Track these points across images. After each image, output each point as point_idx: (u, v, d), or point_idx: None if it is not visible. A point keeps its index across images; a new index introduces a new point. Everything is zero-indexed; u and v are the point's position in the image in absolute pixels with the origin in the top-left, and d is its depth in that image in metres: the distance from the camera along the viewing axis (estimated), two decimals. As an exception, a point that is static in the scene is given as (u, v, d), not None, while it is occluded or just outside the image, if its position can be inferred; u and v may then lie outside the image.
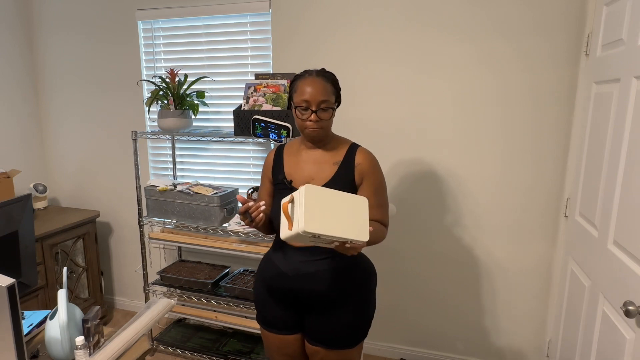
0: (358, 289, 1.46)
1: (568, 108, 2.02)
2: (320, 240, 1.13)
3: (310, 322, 1.47)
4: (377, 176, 1.44)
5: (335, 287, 1.42)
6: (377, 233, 1.37)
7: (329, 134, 1.45)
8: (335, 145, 1.46)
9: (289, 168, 1.48)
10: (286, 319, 1.50)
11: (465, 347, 2.40)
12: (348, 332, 1.44)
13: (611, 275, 1.43)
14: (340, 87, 1.45)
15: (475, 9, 2.05)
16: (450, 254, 2.32)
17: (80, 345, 1.28)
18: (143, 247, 2.48)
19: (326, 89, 1.37)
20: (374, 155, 1.46)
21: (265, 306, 1.53)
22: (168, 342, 2.58)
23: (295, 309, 1.48)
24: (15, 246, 1.46)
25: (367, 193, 1.41)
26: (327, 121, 1.38)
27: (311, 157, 1.46)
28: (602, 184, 1.56)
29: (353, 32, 2.24)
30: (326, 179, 1.42)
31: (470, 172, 2.21)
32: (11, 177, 2.52)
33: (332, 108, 1.38)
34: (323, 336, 1.45)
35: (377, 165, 1.45)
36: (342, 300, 1.43)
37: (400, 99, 2.24)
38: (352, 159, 1.43)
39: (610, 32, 1.60)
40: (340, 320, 1.43)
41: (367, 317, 1.49)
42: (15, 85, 2.80)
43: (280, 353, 1.56)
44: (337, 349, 1.44)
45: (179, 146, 2.70)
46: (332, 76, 1.42)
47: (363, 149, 1.46)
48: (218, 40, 2.50)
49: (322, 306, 1.43)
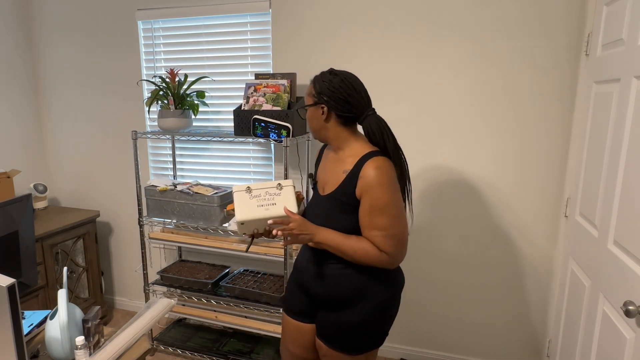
0: (363, 298, 1.38)
1: (568, 108, 2.02)
2: (257, 224, 1.35)
3: (320, 316, 1.48)
4: (378, 194, 1.27)
5: (334, 291, 1.40)
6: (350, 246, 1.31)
7: (331, 135, 1.39)
8: (350, 152, 1.37)
9: (320, 168, 1.52)
10: (304, 308, 1.53)
11: (465, 347, 2.40)
12: (347, 336, 1.41)
13: (611, 275, 1.43)
14: (328, 90, 1.33)
15: (475, 8, 2.05)
16: (450, 254, 2.32)
17: (80, 345, 1.28)
18: (143, 247, 2.48)
19: (307, 91, 1.41)
20: (385, 171, 1.28)
21: (290, 290, 1.59)
22: (168, 342, 2.58)
23: (312, 301, 1.50)
24: (15, 246, 1.46)
25: (362, 211, 1.31)
26: (312, 122, 1.41)
27: (331, 160, 1.44)
28: (602, 184, 1.56)
29: (353, 31, 2.24)
30: (335, 187, 1.37)
31: (470, 171, 2.21)
32: (11, 177, 2.52)
33: (307, 107, 1.40)
34: (325, 332, 1.45)
35: (383, 182, 1.27)
36: (344, 304, 1.40)
37: (401, 98, 2.24)
38: (359, 170, 1.31)
39: (610, 32, 1.60)
40: (341, 322, 1.41)
41: (368, 326, 1.40)
42: (16, 85, 2.80)
43: (294, 343, 1.57)
44: (335, 349, 1.43)
45: (179, 146, 2.70)
46: (318, 78, 1.38)
47: (374, 160, 1.29)
48: (218, 40, 2.50)
49: (328, 305, 1.44)
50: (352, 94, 1.33)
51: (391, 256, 1.32)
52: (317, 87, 1.36)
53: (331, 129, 1.38)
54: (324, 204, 1.40)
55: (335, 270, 1.40)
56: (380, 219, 1.29)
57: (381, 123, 1.35)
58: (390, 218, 1.29)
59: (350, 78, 1.35)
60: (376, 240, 1.31)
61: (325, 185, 1.42)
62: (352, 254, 1.33)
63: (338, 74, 1.35)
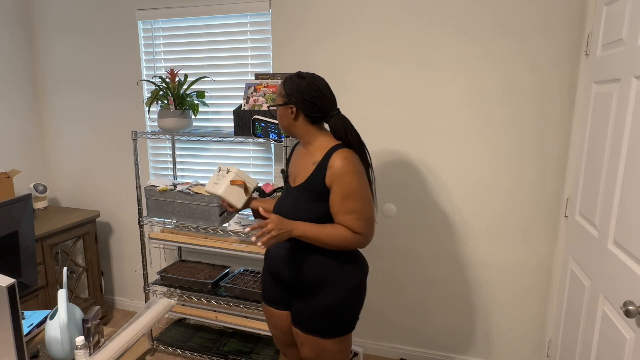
0: (335, 283, 1.48)
1: (568, 108, 2.02)
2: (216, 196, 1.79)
3: (294, 305, 1.57)
4: (347, 181, 1.39)
5: (303, 274, 1.50)
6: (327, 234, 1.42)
7: (299, 132, 1.51)
8: (319, 145, 1.49)
9: (292, 163, 1.64)
10: (277, 295, 1.62)
11: (465, 347, 2.40)
12: (320, 320, 1.50)
13: (611, 275, 1.43)
14: (296, 92, 1.44)
15: (475, 8, 2.05)
16: (450, 254, 2.32)
17: (80, 345, 1.28)
18: (143, 247, 2.48)
19: (277, 91, 1.53)
20: (352, 160, 1.41)
21: (264, 280, 1.67)
22: (168, 342, 2.58)
23: (284, 287, 1.58)
24: (15, 246, 1.46)
25: (334, 197, 1.42)
26: (282, 120, 1.52)
27: (301, 155, 1.56)
28: (602, 184, 1.56)
29: (354, 31, 2.24)
30: (305, 177, 1.48)
31: (470, 170, 2.21)
32: (11, 177, 2.52)
33: (277, 106, 1.52)
34: (301, 319, 1.54)
35: (351, 171, 1.40)
36: (317, 288, 1.49)
37: (401, 98, 2.24)
38: (327, 160, 1.43)
39: (610, 32, 1.60)
40: (313, 306, 1.50)
41: (340, 310, 1.50)
42: (16, 85, 2.80)
43: (274, 327, 1.69)
44: (311, 334, 1.51)
45: (179, 146, 2.70)
46: (287, 80, 1.49)
47: (341, 152, 1.42)
48: (218, 40, 2.50)
49: (300, 290, 1.52)
50: (318, 96, 1.45)
51: (364, 235, 1.44)
52: (287, 89, 1.47)
53: (300, 126, 1.50)
54: (295, 194, 1.51)
55: (305, 256, 1.49)
56: (351, 203, 1.41)
57: (345, 122, 1.49)
58: (361, 202, 1.42)
59: (316, 81, 1.47)
60: (349, 224, 1.42)
61: (296, 177, 1.54)
62: (330, 241, 1.43)
63: (305, 77, 1.46)
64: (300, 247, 1.49)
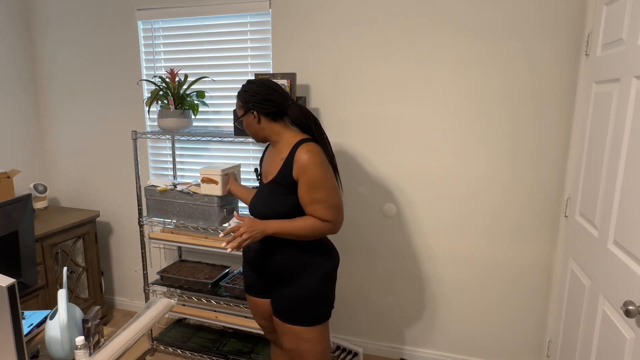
0: (308, 271, 1.58)
1: (568, 108, 2.02)
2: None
3: (273, 294, 1.66)
4: (313, 173, 1.48)
5: (276, 265, 1.60)
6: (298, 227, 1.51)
7: (267, 133, 1.60)
8: (285, 142, 1.58)
9: (263, 162, 1.74)
10: (256, 283, 1.72)
11: (465, 346, 2.40)
12: (295, 308, 1.59)
13: (611, 275, 1.43)
14: (251, 97, 1.54)
15: (475, 8, 2.05)
16: (450, 254, 2.32)
17: (80, 345, 1.28)
18: (143, 247, 2.48)
19: (237, 106, 1.63)
20: (315, 153, 1.49)
21: (245, 271, 1.77)
22: (168, 342, 2.58)
23: (262, 276, 1.68)
24: (15, 246, 1.46)
25: (301, 189, 1.50)
26: (249, 128, 1.61)
27: (270, 154, 1.66)
28: (602, 184, 1.56)
29: (354, 31, 2.24)
30: (275, 173, 1.57)
31: (470, 170, 2.21)
32: (11, 177, 2.52)
33: (240, 118, 1.62)
34: (280, 307, 1.62)
35: (316, 163, 1.48)
36: (290, 278, 1.59)
37: (400, 98, 2.24)
38: (293, 155, 1.51)
39: (610, 32, 1.60)
40: (288, 295, 1.59)
41: (313, 299, 1.59)
42: (16, 85, 2.80)
43: (259, 316, 1.79)
44: (288, 322, 1.60)
45: (179, 146, 2.70)
46: (241, 91, 1.59)
47: (305, 146, 1.50)
48: (218, 40, 2.50)
49: (274, 277, 1.62)
50: (270, 92, 1.56)
51: (333, 223, 1.54)
52: (242, 99, 1.58)
53: (265, 127, 1.59)
54: (266, 190, 1.60)
55: (276, 248, 1.59)
56: (318, 193, 1.49)
57: (301, 108, 1.59)
58: (327, 191, 1.50)
59: (265, 81, 1.59)
60: (318, 213, 1.51)
61: (267, 174, 1.63)
62: (302, 233, 1.52)
63: (255, 81, 1.59)
64: (272, 241, 1.59)
